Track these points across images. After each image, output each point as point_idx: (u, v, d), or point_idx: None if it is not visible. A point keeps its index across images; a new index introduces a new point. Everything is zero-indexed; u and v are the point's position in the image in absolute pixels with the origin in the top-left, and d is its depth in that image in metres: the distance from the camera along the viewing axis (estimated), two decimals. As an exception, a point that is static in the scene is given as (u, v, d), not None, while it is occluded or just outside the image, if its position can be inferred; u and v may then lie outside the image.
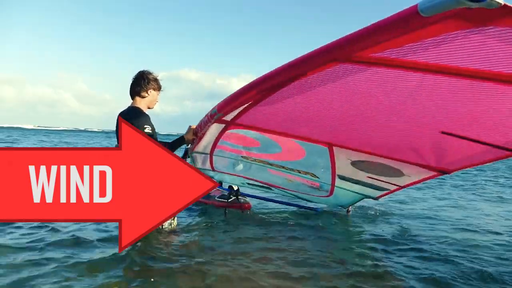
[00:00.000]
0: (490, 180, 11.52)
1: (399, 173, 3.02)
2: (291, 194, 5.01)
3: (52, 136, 37.10)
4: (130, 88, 3.19)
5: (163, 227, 3.43)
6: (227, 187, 5.50)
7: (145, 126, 3.02)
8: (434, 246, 3.53)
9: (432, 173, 2.77)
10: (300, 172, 3.97)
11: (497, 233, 4.36)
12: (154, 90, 3.21)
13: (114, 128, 3.13)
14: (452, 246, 3.62)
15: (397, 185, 3.38)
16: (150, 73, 3.19)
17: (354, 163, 3.15)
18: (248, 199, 5.35)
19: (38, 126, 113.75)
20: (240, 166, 4.61)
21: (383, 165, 2.93)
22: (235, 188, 5.41)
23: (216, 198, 5.37)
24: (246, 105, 2.28)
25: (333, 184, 4.02)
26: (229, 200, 5.27)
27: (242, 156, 4.04)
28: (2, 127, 75.30)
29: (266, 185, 4.97)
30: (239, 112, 2.47)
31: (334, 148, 2.94)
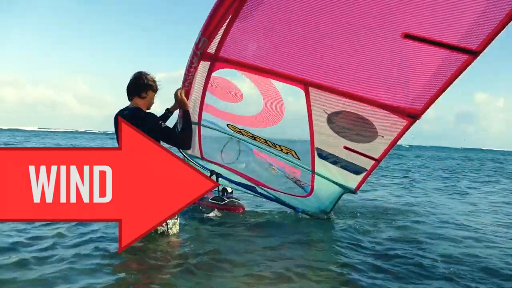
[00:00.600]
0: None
1: (372, 133, 3.01)
2: (274, 196, 5.02)
3: (56, 138, 37.15)
4: (129, 89, 3.20)
5: (166, 231, 3.40)
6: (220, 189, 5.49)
7: (160, 121, 3.06)
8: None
9: (403, 122, 2.72)
10: (282, 150, 4.02)
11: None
12: (152, 91, 3.23)
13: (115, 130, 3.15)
14: (427, 246, 3.75)
15: (373, 158, 3.33)
16: (148, 74, 3.21)
17: (330, 120, 3.15)
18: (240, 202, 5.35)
19: (38, 128, 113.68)
20: (227, 152, 4.66)
21: (357, 119, 2.94)
22: (229, 190, 5.43)
23: (209, 200, 5.34)
24: (226, 25, 2.53)
25: (313, 169, 4.07)
26: (223, 203, 5.28)
27: (227, 125, 4.09)
28: (2, 129, 75.57)
29: (250, 183, 4.98)
30: (221, 38, 2.68)
31: (310, 90, 2.95)
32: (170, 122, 3.42)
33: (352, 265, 3.11)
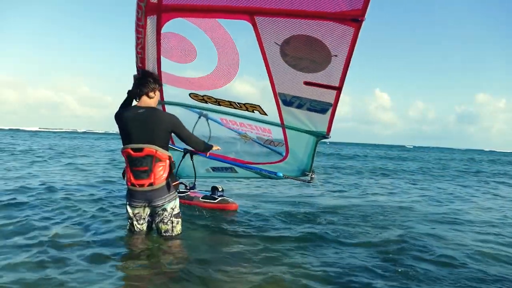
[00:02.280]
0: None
1: (326, 54, 2.96)
2: (253, 170, 4.97)
3: (56, 138, 36.87)
4: (136, 88, 3.22)
5: (171, 229, 3.37)
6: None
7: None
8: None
9: (350, 29, 2.66)
10: (247, 108, 4.00)
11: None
12: (158, 90, 3.32)
13: (117, 130, 3.23)
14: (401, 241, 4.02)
15: (334, 87, 3.27)
16: (154, 73, 3.33)
17: (284, 52, 3.11)
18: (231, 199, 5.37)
19: (39, 128, 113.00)
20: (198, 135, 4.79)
21: (307, 41, 2.89)
22: (220, 188, 5.41)
23: (200, 199, 5.27)
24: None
25: (282, 122, 4.05)
26: (216, 201, 5.24)
27: (190, 95, 4.06)
28: (3, 129, 76.21)
29: (229, 163, 4.93)
30: None
31: (256, 21, 2.91)
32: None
33: (353, 267, 3.20)
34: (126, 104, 3.41)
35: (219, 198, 5.27)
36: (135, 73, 3.46)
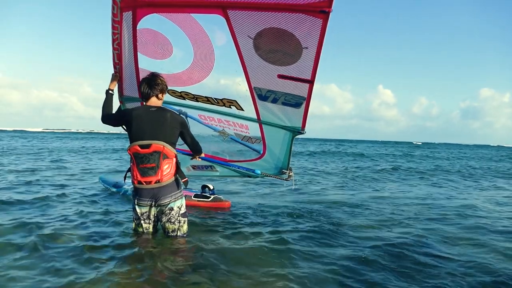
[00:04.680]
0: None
1: (297, 46, 3.06)
2: (231, 168, 5.04)
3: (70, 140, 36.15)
4: (146, 89, 3.31)
5: (177, 229, 3.39)
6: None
7: None
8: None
9: (319, 21, 2.76)
10: (225, 104, 4.08)
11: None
12: (166, 92, 3.48)
13: (121, 129, 3.35)
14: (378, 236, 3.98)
15: (306, 80, 3.39)
16: (162, 76, 3.40)
17: (257, 46, 3.20)
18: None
19: (43, 129, 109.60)
20: None
21: (278, 34, 2.99)
22: (211, 187, 5.49)
23: (192, 198, 5.31)
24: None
25: (258, 118, 4.13)
26: (210, 199, 5.31)
27: (168, 91, 4.02)
28: (8, 131, 74.66)
29: (209, 160, 4.99)
30: None
31: (229, 15, 3.00)
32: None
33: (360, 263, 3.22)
34: (110, 105, 3.46)
35: (212, 197, 5.34)
36: (113, 72, 3.53)
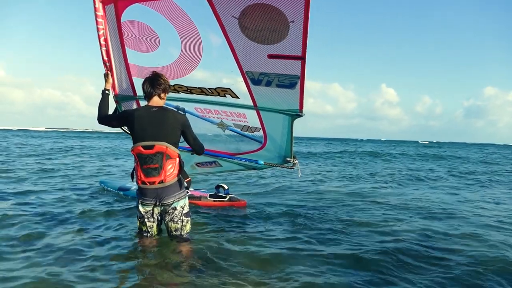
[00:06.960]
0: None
1: (283, 21, 2.99)
2: (235, 160, 4.97)
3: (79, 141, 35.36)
4: (149, 88, 3.26)
5: (181, 229, 3.37)
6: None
7: None
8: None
9: None
10: (219, 93, 4.01)
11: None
12: (168, 92, 3.41)
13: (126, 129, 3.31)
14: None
15: (297, 57, 3.30)
16: (164, 76, 3.34)
17: (242, 25, 3.14)
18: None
19: (46, 128, 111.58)
20: None
21: (263, 10, 2.93)
22: (226, 187, 5.53)
23: (208, 198, 5.36)
24: None
25: (255, 104, 4.05)
26: (227, 199, 5.36)
27: None
28: (12, 130, 75.60)
29: (212, 154, 4.93)
30: None
31: None
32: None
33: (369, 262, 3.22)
34: (106, 105, 3.44)
35: (228, 196, 5.39)
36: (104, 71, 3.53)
